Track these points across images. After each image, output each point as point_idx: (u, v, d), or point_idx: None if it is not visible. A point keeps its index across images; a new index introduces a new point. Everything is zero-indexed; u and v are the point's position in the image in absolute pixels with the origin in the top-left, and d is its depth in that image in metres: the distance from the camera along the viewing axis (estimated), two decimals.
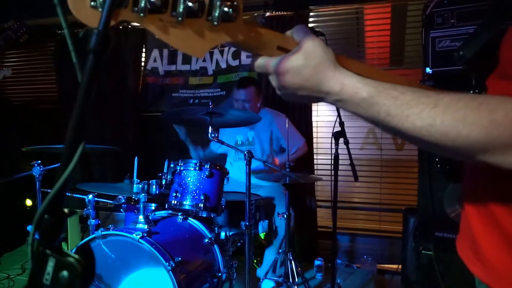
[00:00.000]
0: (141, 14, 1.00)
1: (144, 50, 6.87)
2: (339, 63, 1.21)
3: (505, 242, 1.28)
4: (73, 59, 0.99)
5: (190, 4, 1.04)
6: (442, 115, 1.06)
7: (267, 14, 6.01)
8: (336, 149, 4.19)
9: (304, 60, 1.18)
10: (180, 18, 1.04)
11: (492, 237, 1.32)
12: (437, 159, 1.74)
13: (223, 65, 6.38)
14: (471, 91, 1.49)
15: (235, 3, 1.09)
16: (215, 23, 1.09)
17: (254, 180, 4.16)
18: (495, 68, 1.34)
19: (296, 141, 5.30)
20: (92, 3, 0.97)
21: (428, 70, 3.77)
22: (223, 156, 5.45)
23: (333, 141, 4.19)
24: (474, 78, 1.56)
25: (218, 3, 1.07)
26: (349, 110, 1.20)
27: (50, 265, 0.95)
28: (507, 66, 1.28)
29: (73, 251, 1.00)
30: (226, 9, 1.08)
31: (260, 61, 1.25)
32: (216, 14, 1.07)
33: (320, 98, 1.23)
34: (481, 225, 1.36)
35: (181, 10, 1.04)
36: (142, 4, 0.99)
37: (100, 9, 0.97)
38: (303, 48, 1.19)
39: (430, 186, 3.88)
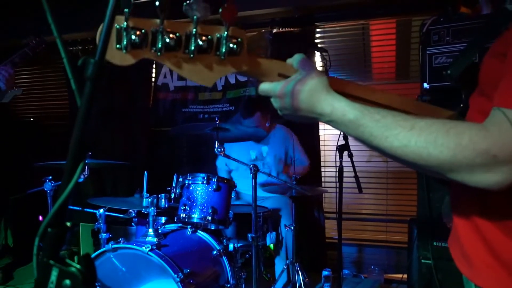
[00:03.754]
0: (158, 53, 1.18)
1: (154, 66, 6.92)
2: (333, 87, 1.38)
3: (483, 243, 1.42)
4: (72, 86, 1.07)
5: (200, 42, 1.21)
6: (416, 137, 1.22)
7: (274, 30, 6.06)
8: (341, 162, 4.24)
9: (300, 86, 1.36)
10: (191, 55, 1.22)
11: (473, 239, 1.46)
12: None
13: (232, 81, 6.42)
14: (461, 105, 1.59)
15: (239, 39, 1.26)
16: (222, 57, 1.26)
17: (260, 192, 4.22)
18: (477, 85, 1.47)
19: (302, 162, 5.44)
20: (117, 45, 1.15)
21: (425, 85, 3.84)
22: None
23: (338, 154, 4.24)
24: (464, 94, 1.66)
25: (225, 41, 1.24)
26: (340, 129, 1.37)
27: (54, 274, 1.02)
28: (484, 83, 1.42)
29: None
30: (231, 45, 1.25)
31: (263, 86, 1.43)
32: (223, 50, 1.25)
33: (315, 118, 1.40)
34: (464, 228, 1.51)
35: (192, 48, 1.21)
36: (159, 45, 1.17)
37: (124, 51, 1.16)
38: (299, 75, 1.39)
39: (428, 198, 3.93)
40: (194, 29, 1.20)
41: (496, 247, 1.40)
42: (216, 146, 3.81)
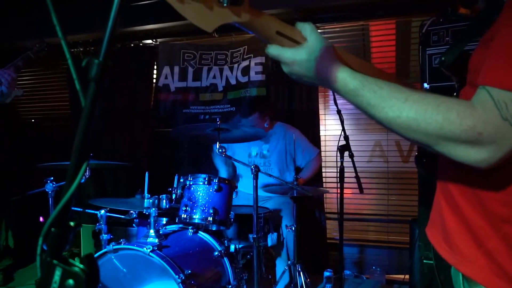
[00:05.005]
0: None
1: (155, 67, 6.93)
2: (338, 56, 1.52)
3: (466, 227, 1.52)
4: (76, 87, 1.08)
5: None
6: (408, 109, 1.31)
7: None
8: (342, 162, 4.25)
9: (308, 55, 1.47)
10: None
11: (457, 223, 1.55)
12: (416, 154, 1.98)
13: (233, 82, 6.43)
14: (454, 94, 1.72)
15: None
16: (225, 4, 1.28)
17: (261, 193, 4.21)
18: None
19: (309, 153, 5.42)
20: None
21: (425, 85, 3.84)
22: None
23: (339, 154, 4.25)
24: (456, 82, 1.74)
25: None
26: (341, 96, 1.47)
27: (57, 274, 1.03)
28: (473, 72, 1.49)
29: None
30: None
31: (273, 50, 1.50)
32: None
33: (320, 84, 1.53)
34: (449, 213, 1.59)
35: None
36: None
37: None
38: (308, 44, 1.49)
39: (429, 197, 3.93)
40: None
41: (479, 236, 1.48)
42: (217, 146, 3.83)
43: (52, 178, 4.19)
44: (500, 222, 1.44)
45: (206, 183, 3.88)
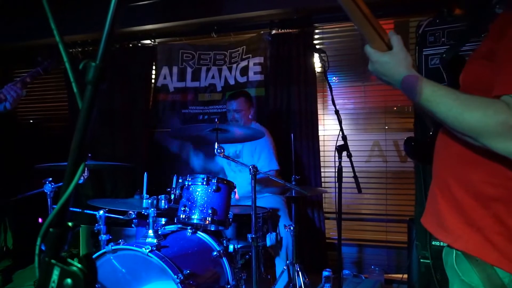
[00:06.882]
0: None
1: (154, 67, 6.94)
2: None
3: (456, 208, 1.76)
4: (74, 89, 1.08)
5: None
6: (456, 106, 1.57)
7: (273, 32, 6.09)
8: (340, 162, 4.25)
9: (389, 58, 1.75)
10: None
11: (449, 206, 1.80)
12: (405, 139, 2.21)
13: (232, 82, 6.44)
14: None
15: None
16: None
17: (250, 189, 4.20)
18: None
19: (271, 164, 5.25)
20: None
21: None
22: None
23: (337, 154, 4.26)
24: (446, 77, 2.03)
25: None
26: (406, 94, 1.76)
27: (56, 274, 1.04)
28: (467, 84, 1.83)
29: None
30: None
31: (366, 48, 1.80)
32: None
33: (397, 86, 1.77)
34: (442, 198, 1.84)
35: None
36: None
37: None
38: (393, 51, 1.75)
39: (426, 196, 3.94)
40: None
41: (472, 215, 1.72)
42: (216, 147, 3.82)
43: (50, 178, 4.20)
44: (489, 201, 1.68)
45: (204, 183, 3.89)
